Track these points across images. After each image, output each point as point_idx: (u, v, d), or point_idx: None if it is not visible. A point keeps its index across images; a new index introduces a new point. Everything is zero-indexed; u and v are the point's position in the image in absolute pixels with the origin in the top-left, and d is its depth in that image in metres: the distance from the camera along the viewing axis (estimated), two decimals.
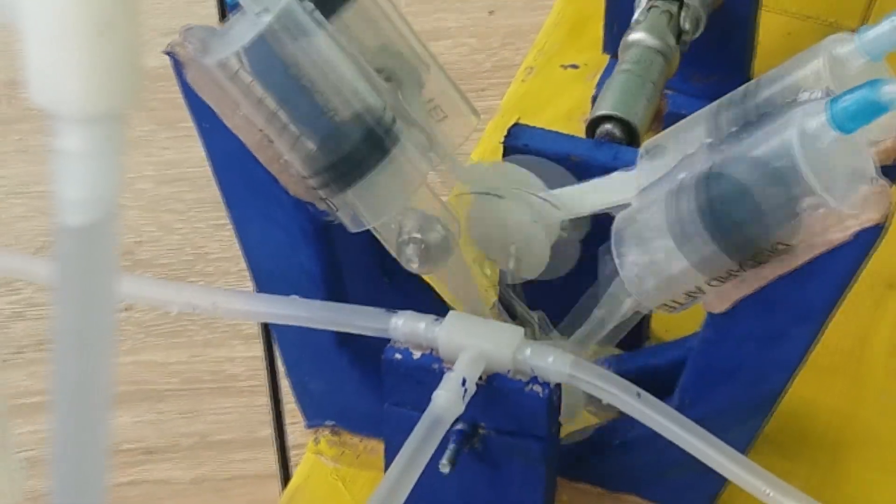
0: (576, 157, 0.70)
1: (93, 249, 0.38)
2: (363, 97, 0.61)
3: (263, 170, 0.64)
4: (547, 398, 0.64)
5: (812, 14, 0.89)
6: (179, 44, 0.62)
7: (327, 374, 0.72)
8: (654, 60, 0.76)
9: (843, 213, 0.58)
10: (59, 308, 0.39)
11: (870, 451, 0.74)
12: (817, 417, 0.75)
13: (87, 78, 0.36)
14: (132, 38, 0.36)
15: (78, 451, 0.41)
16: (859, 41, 0.60)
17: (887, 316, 0.78)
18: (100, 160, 0.36)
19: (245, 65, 0.60)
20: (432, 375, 0.64)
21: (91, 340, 0.39)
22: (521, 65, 0.88)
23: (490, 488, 0.68)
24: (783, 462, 0.72)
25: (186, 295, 0.68)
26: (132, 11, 0.36)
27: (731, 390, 0.66)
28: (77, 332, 0.39)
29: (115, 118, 0.36)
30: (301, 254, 0.67)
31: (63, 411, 0.40)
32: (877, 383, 0.76)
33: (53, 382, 0.40)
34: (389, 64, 0.65)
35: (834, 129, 0.56)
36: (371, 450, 0.73)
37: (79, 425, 0.41)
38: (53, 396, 0.40)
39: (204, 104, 0.63)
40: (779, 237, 0.59)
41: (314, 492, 0.74)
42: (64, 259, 0.38)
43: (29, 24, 0.36)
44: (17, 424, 0.50)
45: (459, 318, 0.65)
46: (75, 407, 0.40)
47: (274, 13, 0.59)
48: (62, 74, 0.36)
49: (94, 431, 0.41)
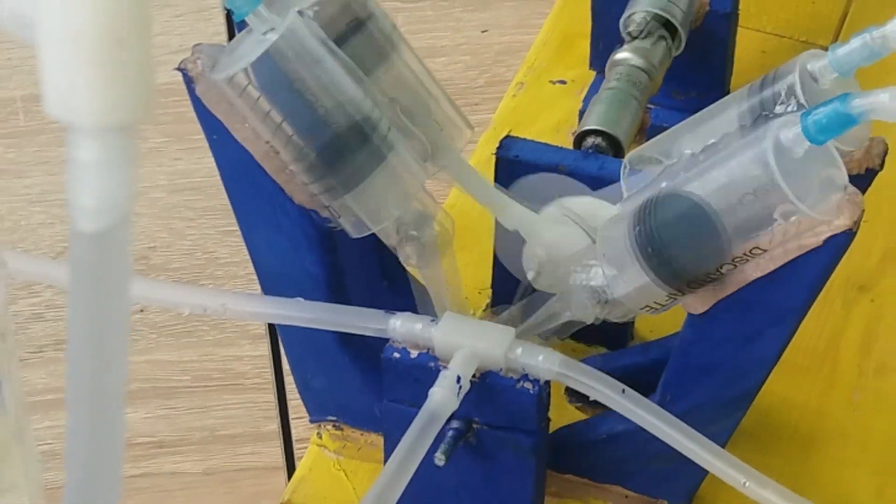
0: (564, 167, 0.70)
1: (106, 255, 0.37)
2: (361, 108, 0.61)
3: (270, 179, 0.64)
4: (537, 394, 0.64)
5: (786, 33, 0.89)
6: (190, 60, 0.62)
7: (330, 371, 0.72)
8: (638, 77, 0.76)
9: (816, 219, 0.58)
10: (75, 310, 0.38)
11: (839, 445, 0.74)
12: (791, 413, 0.75)
13: (101, 92, 0.35)
14: (144, 55, 0.36)
15: (92, 446, 0.41)
16: (831, 57, 0.60)
17: (857, 317, 0.78)
18: (113, 170, 0.36)
19: (252, 80, 0.60)
20: (429, 373, 0.64)
21: (105, 340, 0.39)
22: (513, 80, 0.88)
23: (483, 480, 0.68)
24: (758, 455, 0.72)
25: (197, 297, 0.68)
26: (144, 29, 0.36)
27: (710, 387, 0.66)
28: (91, 332, 0.39)
29: (128, 130, 0.36)
30: (305, 258, 0.67)
31: (79, 408, 0.40)
32: (847, 381, 0.76)
33: (69, 380, 0.39)
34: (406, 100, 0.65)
35: (807, 140, 0.56)
36: (371, 443, 0.73)
37: (93, 421, 0.40)
38: (69, 393, 0.40)
39: (213, 117, 0.63)
40: (755, 242, 0.59)
41: (317, 482, 0.74)
42: (79, 264, 0.38)
43: (46, 41, 0.36)
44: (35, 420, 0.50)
45: (454, 319, 0.65)
46: (90, 403, 0.40)
47: (279, 31, 0.59)
48: (77, 89, 0.35)
49: (108, 426, 0.40)
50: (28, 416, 0.48)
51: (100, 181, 0.36)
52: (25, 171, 0.90)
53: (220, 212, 0.85)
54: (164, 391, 0.81)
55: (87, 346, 0.39)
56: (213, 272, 0.86)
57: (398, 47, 0.65)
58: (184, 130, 0.83)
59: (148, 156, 0.89)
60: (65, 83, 0.35)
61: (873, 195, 0.61)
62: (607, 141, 0.74)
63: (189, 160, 0.90)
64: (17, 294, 0.84)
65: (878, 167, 0.62)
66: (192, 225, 0.88)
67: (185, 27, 0.96)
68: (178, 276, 0.85)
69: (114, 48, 0.35)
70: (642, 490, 0.71)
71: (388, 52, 0.64)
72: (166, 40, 0.92)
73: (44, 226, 0.87)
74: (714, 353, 0.65)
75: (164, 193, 0.89)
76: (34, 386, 0.78)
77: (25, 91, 0.93)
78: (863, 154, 0.61)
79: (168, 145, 0.90)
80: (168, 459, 0.78)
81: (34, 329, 0.82)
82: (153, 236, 0.87)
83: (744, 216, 0.58)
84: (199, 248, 0.87)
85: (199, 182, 0.89)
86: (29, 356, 0.80)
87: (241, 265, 0.86)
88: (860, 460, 0.73)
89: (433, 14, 0.97)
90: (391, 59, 0.64)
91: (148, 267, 0.85)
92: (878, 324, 0.78)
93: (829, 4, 0.91)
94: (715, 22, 0.80)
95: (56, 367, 0.77)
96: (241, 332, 0.83)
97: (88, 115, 0.36)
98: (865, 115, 0.56)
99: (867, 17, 0.88)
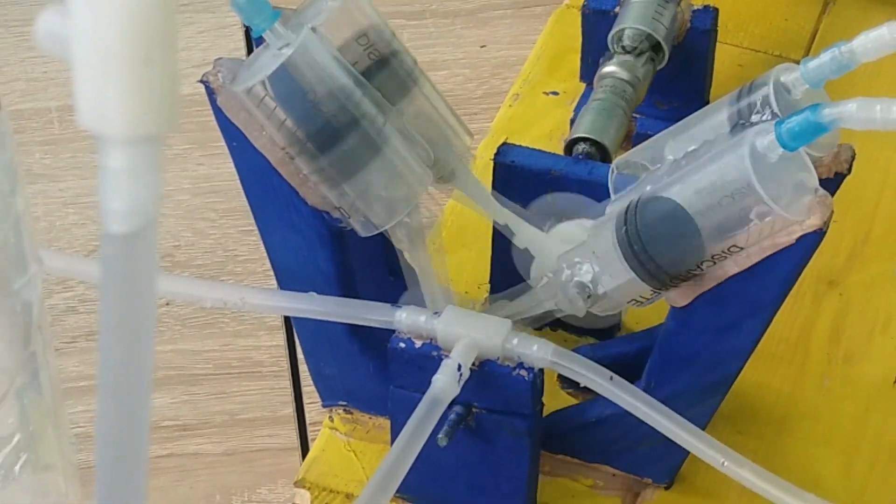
0: (556, 171, 0.70)
1: (134, 255, 0.37)
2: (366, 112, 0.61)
3: (285, 183, 0.64)
4: (531, 381, 0.64)
5: (761, 48, 0.89)
6: (212, 73, 0.62)
7: (340, 360, 0.71)
8: (624, 89, 0.76)
9: (789, 219, 0.57)
10: (105, 304, 0.38)
11: (811, 427, 0.74)
12: (765, 398, 0.75)
13: (129, 105, 0.35)
14: (169, 71, 0.35)
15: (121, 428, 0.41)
16: (803, 70, 0.60)
17: (826, 309, 0.78)
18: (139, 177, 0.36)
19: (269, 91, 0.60)
20: (432, 362, 0.63)
21: (133, 332, 0.39)
22: (509, 92, 0.88)
23: (482, 459, 0.68)
24: (736, 436, 0.72)
25: (218, 292, 0.68)
26: (169, 47, 0.35)
27: (691, 374, 0.65)
28: (120, 325, 0.38)
29: (154, 140, 0.36)
30: (317, 256, 0.67)
31: (109, 393, 0.40)
32: (817, 368, 0.76)
33: (100, 368, 0.39)
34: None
35: (781, 147, 0.56)
36: (379, 426, 0.73)
37: (122, 405, 0.40)
38: (100, 381, 0.40)
39: (233, 126, 0.63)
40: (733, 241, 0.58)
41: (329, 462, 0.74)
42: (108, 262, 0.37)
43: (78, 58, 0.35)
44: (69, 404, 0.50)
45: (455, 312, 0.65)
46: (119, 389, 0.40)
47: (294, 47, 0.59)
48: (107, 102, 0.35)
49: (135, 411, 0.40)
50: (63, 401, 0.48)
51: (128, 187, 0.36)
52: (60, 176, 0.90)
53: (240, 213, 0.85)
54: (188, 378, 0.81)
55: (117, 337, 0.39)
56: (233, 269, 0.86)
57: (419, 81, 0.65)
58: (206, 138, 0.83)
59: (173, 161, 0.89)
60: (95, 97, 0.35)
61: (841, 197, 0.61)
62: (596, 147, 0.74)
63: (211, 165, 0.89)
64: (52, 289, 0.84)
65: (846, 171, 0.62)
66: (214, 225, 0.88)
67: (207, 43, 0.96)
68: (201, 272, 0.85)
69: (140, 65, 0.35)
70: (629, 469, 0.71)
71: (410, 87, 0.65)
72: (190, 55, 0.92)
73: (77, 226, 0.87)
74: (695, 343, 0.64)
75: (187, 196, 0.89)
76: (68, 373, 0.78)
77: (60, 102, 0.93)
78: (832, 159, 0.61)
79: (191, 151, 0.90)
80: (191, 441, 0.78)
81: (68, 321, 0.82)
82: (178, 236, 0.87)
83: (722, 217, 0.58)
84: (221, 247, 0.86)
85: (220, 185, 0.89)
86: (63, 346, 0.80)
87: (258, 262, 0.86)
88: (829, 440, 0.73)
89: (436, 31, 0.97)
90: (413, 93, 0.65)
91: (173, 264, 0.85)
92: (846, 316, 0.78)
93: (800, 21, 0.91)
94: (695, 38, 0.80)
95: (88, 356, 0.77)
96: (259, 323, 0.83)
97: (117, 126, 0.35)
98: (835, 124, 0.55)
99: (836, 33, 0.88)
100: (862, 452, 0.73)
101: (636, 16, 0.78)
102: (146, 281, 0.38)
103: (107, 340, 0.39)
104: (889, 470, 0.72)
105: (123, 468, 0.41)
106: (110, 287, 0.38)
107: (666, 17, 0.78)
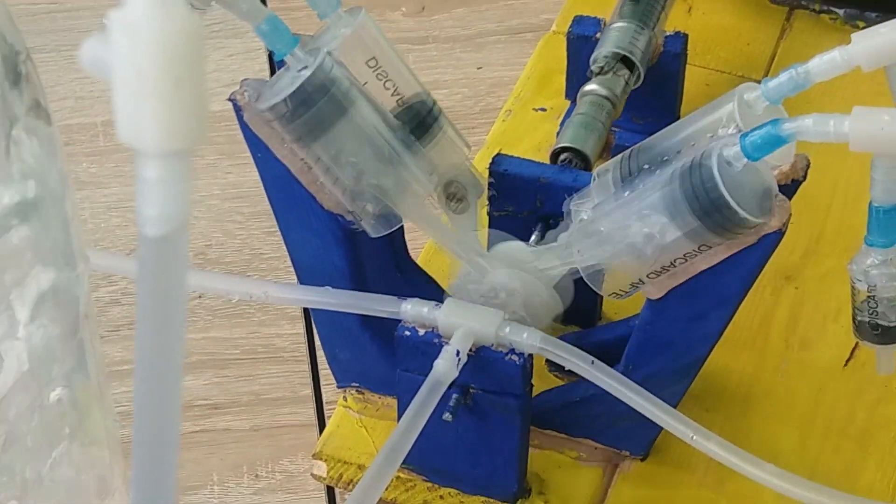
0: (544, 178, 0.70)
1: (167, 255, 0.37)
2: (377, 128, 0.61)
3: (304, 189, 0.64)
4: (522, 365, 0.64)
5: (726, 69, 0.89)
6: (239, 93, 0.62)
7: (353, 346, 0.71)
8: (603, 105, 0.76)
9: (753, 221, 0.57)
10: (143, 298, 0.38)
11: (770, 405, 0.74)
12: (730, 379, 0.74)
13: (162, 123, 0.35)
14: (198, 91, 0.35)
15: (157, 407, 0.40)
16: (763, 89, 0.59)
17: (784, 301, 0.78)
18: (172, 186, 0.36)
19: (289, 108, 0.60)
20: (434, 348, 0.63)
21: (166, 322, 0.38)
22: (502, 108, 0.88)
23: (478, 435, 0.67)
24: (704, 413, 0.72)
25: (245, 286, 0.68)
26: (197, 69, 0.35)
27: (665, 359, 0.65)
28: (156, 316, 0.38)
29: (184, 154, 0.36)
30: (333, 254, 0.67)
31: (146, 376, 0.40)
32: (776, 353, 0.76)
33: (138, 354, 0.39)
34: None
35: (744, 157, 0.56)
36: (387, 405, 0.73)
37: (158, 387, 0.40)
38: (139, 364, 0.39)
39: (258, 139, 0.63)
40: (702, 240, 0.58)
41: (344, 437, 0.73)
42: (145, 261, 0.37)
43: (118, 80, 0.35)
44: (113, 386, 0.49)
45: (454, 303, 0.64)
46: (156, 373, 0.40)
47: (311, 69, 0.59)
48: (142, 120, 0.35)
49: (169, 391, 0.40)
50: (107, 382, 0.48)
51: (161, 195, 0.36)
52: (105, 183, 0.89)
53: (264, 216, 0.85)
54: (218, 362, 0.81)
55: (152, 327, 0.39)
56: (258, 265, 0.86)
57: (443, 127, 0.64)
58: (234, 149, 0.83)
59: (205, 170, 0.89)
60: (132, 114, 0.35)
61: (798, 201, 0.61)
62: (578, 157, 0.74)
63: (238, 174, 0.89)
64: (98, 283, 0.84)
65: (802, 179, 0.62)
66: (241, 227, 0.87)
67: (235, 65, 0.96)
68: (230, 268, 0.85)
69: (171, 87, 0.35)
70: (609, 443, 0.71)
71: (436, 133, 0.64)
72: (220, 76, 0.92)
73: (120, 228, 0.87)
74: (668, 331, 0.64)
75: (218, 201, 0.88)
76: (112, 358, 0.78)
77: (105, 117, 0.93)
78: (790, 168, 0.61)
79: (221, 161, 0.90)
80: (221, 418, 0.78)
81: (112, 312, 0.82)
82: (209, 236, 0.87)
83: None
84: (247, 246, 0.86)
85: (246, 192, 0.88)
86: (108, 334, 0.80)
87: (280, 260, 0.86)
88: (786, 417, 0.73)
89: (437, 54, 0.97)
90: (437, 136, 0.64)
91: (205, 261, 0.85)
92: (801, 307, 0.78)
93: (761, 45, 0.91)
94: (668, 60, 0.80)
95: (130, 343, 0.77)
96: (281, 314, 0.83)
97: (152, 141, 0.35)
98: (793, 137, 0.55)
99: (793, 56, 0.88)
100: (816, 427, 0.73)
101: (615, 41, 0.78)
102: (177, 278, 0.38)
103: (143, 330, 0.39)
104: (840, 443, 0.72)
105: (159, 443, 0.41)
106: (146, 283, 0.38)
107: (641, 42, 0.78)
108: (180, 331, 0.39)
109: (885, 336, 0.62)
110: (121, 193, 0.88)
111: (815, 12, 0.91)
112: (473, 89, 0.95)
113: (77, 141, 0.91)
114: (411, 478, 0.71)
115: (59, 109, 0.92)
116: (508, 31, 0.98)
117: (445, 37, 0.98)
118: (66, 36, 0.97)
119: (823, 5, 0.91)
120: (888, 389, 0.74)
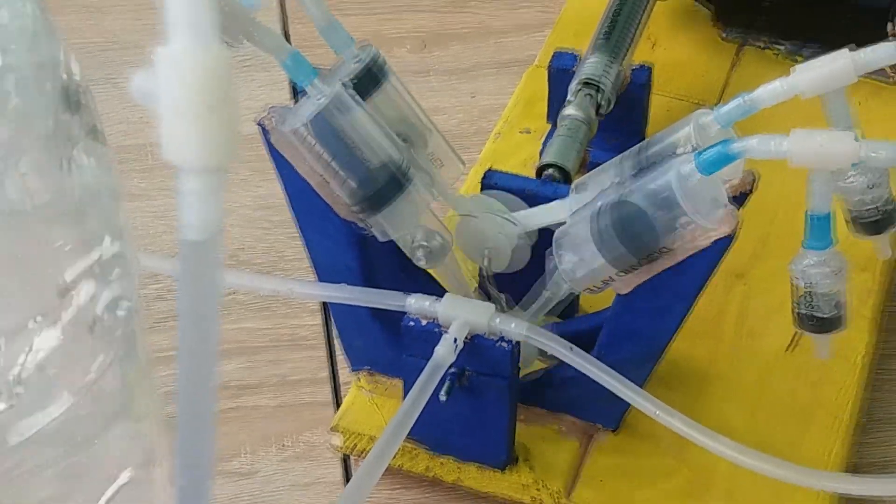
0: (529, 191, 0.70)
1: (204, 258, 0.37)
2: (387, 151, 0.61)
3: (322, 200, 0.64)
4: (510, 351, 0.64)
5: (685, 97, 0.89)
6: (266, 118, 0.62)
7: (365, 335, 0.71)
8: (580, 127, 0.76)
9: (707, 227, 0.57)
10: (183, 294, 0.38)
11: (724, 386, 0.74)
12: (689, 364, 0.75)
13: (200, 144, 0.35)
14: (230, 117, 0.36)
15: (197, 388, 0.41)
16: (716, 114, 0.59)
17: (735, 296, 0.78)
18: (208, 198, 0.36)
19: (310, 131, 0.60)
20: (434, 336, 0.63)
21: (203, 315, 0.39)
22: (493, 131, 0.88)
23: (472, 411, 0.67)
24: (667, 392, 0.72)
25: (272, 283, 0.68)
26: (232, 96, 0.36)
27: (633, 346, 0.65)
28: (194, 310, 0.39)
29: (220, 169, 0.36)
30: (346, 256, 0.67)
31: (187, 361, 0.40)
32: (728, 341, 0.76)
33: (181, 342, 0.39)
34: (405, 130, 0.64)
35: (699, 172, 0.56)
36: (394, 385, 0.73)
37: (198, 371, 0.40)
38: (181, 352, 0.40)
39: (282, 158, 0.63)
40: (664, 243, 0.58)
41: (357, 413, 0.73)
42: (185, 263, 0.38)
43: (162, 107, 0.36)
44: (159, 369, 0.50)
45: (452, 298, 0.65)
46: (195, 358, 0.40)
47: (328, 97, 0.59)
48: (184, 139, 0.35)
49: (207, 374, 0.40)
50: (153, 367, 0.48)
51: (199, 206, 0.36)
52: (153, 196, 0.89)
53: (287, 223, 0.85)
54: (249, 349, 0.81)
55: (192, 319, 0.39)
56: (283, 266, 0.86)
57: (432, 133, 0.65)
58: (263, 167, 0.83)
59: (239, 184, 0.89)
60: (175, 136, 0.35)
61: (747, 210, 0.61)
62: (559, 172, 0.74)
63: (267, 187, 0.89)
64: (146, 281, 0.84)
65: (750, 190, 0.62)
66: (269, 233, 0.88)
67: (263, 94, 0.96)
68: (259, 268, 0.85)
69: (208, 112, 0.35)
70: (585, 417, 0.71)
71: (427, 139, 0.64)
72: (249, 104, 0.92)
73: (166, 234, 0.87)
74: (635, 322, 0.64)
75: (249, 210, 0.89)
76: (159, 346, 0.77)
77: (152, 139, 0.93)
78: (739, 182, 0.61)
79: (253, 177, 0.90)
80: (252, 398, 0.78)
81: (158, 306, 0.82)
82: (241, 241, 0.87)
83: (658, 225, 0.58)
84: (273, 249, 0.86)
85: (273, 202, 0.89)
86: (155, 325, 0.80)
87: (302, 261, 0.86)
88: (737, 397, 0.73)
89: (437, 84, 0.97)
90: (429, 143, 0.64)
91: (238, 262, 0.85)
92: (750, 301, 0.78)
93: (714, 76, 0.91)
94: (635, 89, 0.80)
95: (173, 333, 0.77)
96: (303, 308, 0.83)
97: (192, 159, 0.36)
98: (741, 154, 0.56)
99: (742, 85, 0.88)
100: (763, 405, 0.73)
101: (589, 73, 0.78)
102: (213, 277, 0.38)
103: (184, 321, 0.39)
104: (784, 419, 0.72)
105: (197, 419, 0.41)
106: (186, 282, 0.38)
107: (612, 74, 0.78)
108: (216, 322, 0.39)
109: (821, 326, 0.62)
110: (166, 205, 0.88)
111: (761, 48, 0.92)
112: (468, 114, 0.95)
113: (129, 160, 0.91)
114: (415, 448, 0.71)
115: (113, 133, 0.92)
116: (498, 64, 0.98)
117: (444, 69, 0.98)
118: (118, 69, 0.97)
119: (769, 42, 0.92)
120: (825, 372, 0.74)
